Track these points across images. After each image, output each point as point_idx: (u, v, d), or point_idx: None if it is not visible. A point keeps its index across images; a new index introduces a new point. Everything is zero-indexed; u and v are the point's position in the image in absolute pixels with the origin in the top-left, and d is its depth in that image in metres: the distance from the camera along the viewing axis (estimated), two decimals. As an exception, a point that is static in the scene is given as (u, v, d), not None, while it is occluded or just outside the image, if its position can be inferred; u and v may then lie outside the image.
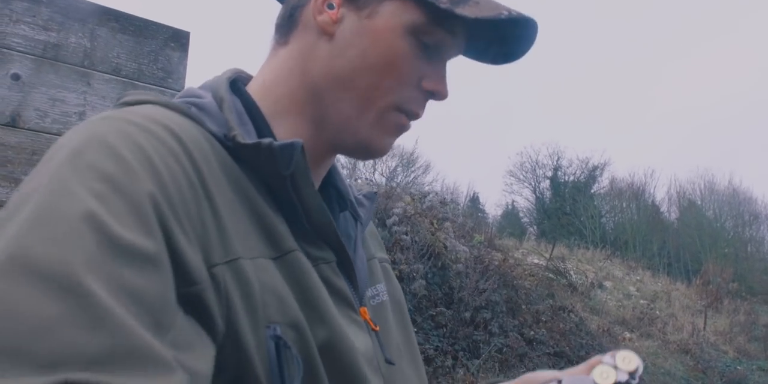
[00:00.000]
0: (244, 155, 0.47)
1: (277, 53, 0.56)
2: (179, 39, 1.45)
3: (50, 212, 0.34)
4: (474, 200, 21.89)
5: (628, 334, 8.24)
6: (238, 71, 0.57)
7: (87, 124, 0.42)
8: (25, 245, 0.32)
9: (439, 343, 5.18)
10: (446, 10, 0.50)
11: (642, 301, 10.23)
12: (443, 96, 0.55)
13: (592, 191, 21.88)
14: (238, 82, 0.55)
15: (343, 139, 0.54)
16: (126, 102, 0.49)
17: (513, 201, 23.41)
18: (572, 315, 7.07)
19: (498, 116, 45.20)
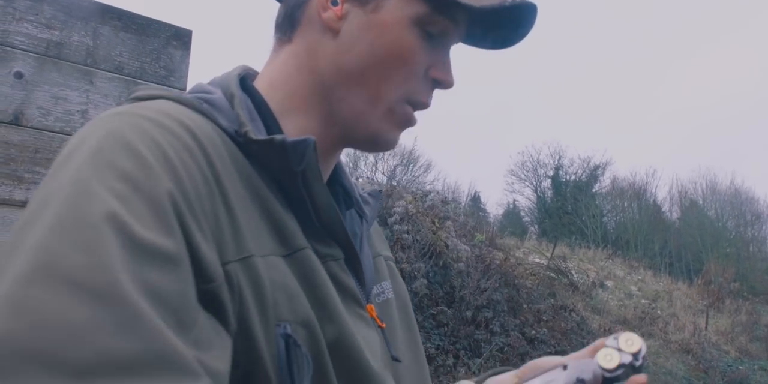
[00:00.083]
0: (254, 151, 0.47)
1: (281, 51, 0.56)
2: (181, 37, 1.45)
3: (73, 216, 0.34)
4: (475, 199, 21.89)
5: (629, 334, 8.21)
6: (246, 68, 0.57)
7: (103, 120, 0.41)
8: (52, 251, 0.32)
9: (440, 342, 5.18)
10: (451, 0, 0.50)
11: (643, 301, 10.22)
12: (450, 84, 0.56)
13: (593, 190, 21.87)
14: (247, 79, 0.55)
15: (354, 133, 0.54)
16: (138, 97, 0.49)
17: (514, 200, 23.42)
18: (573, 314, 7.07)
19: (499, 115, 45.21)
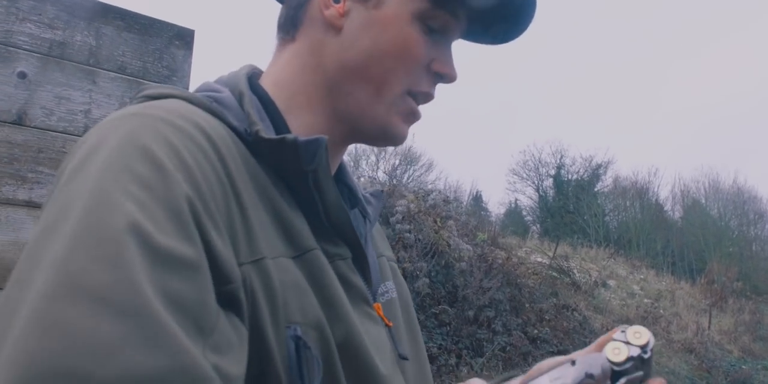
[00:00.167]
0: (264, 150, 0.47)
1: (285, 51, 0.56)
2: (184, 37, 1.45)
3: (94, 228, 0.34)
4: (477, 199, 21.88)
5: (631, 333, 8.20)
6: (253, 67, 0.58)
7: (117, 122, 0.41)
8: (76, 267, 0.32)
9: (442, 342, 5.18)
10: None
11: (646, 300, 10.20)
12: (453, 78, 0.56)
13: (595, 190, 21.84)
14: (253, 78, 0.55)
15: (361, 128, 0.54)
16: (148, 95, 0.48)
17: (516, 199, 23.44)
18: (576, 314, 7.07)
19: (501, 115, 45.15)
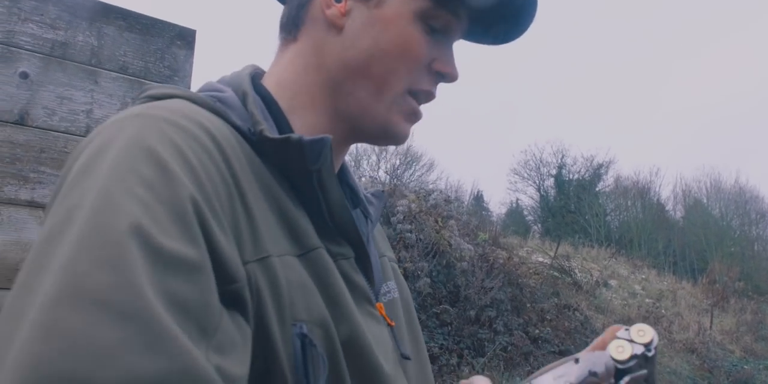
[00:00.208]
0: (269, 150, 0.47)
1: (287, 50, 0.56)
2: (185, 37, 1.45)
3: (97, 232, 0.34)
4: (478, 198, 21.87)
5: (633, 333, 8.20)
6: (256, 67, 0.58)
7: (122, 123, 0.41)
8: (79, 271, 0.32)
9: (444, 342, 5.18)
10: None
11: (647, 300, 10.19)
12: (454, 77, 0.56)
13: (596, 189, 21.82)
14: (256, 78, 0.55)
15: (364, 127, 0.55)
16: (151, 95, 0.48)
17: (517, 199, 23.41)
18: (577, 313, 7.06)
19: (502, 114, 45.12)
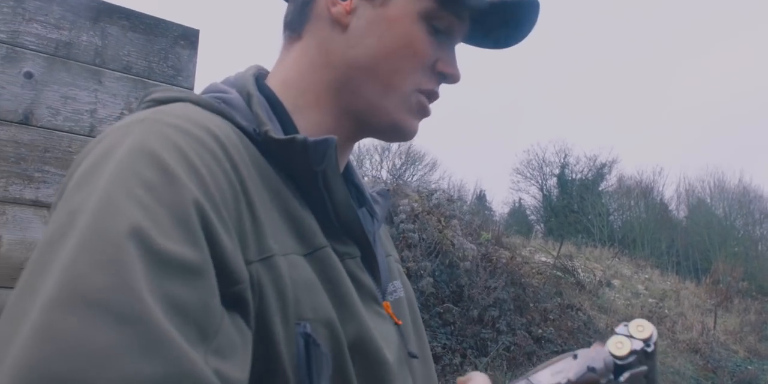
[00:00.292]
0: (274, 150, 0.48)
1: (291, 49, 0.56)
2: (189, 37, 1.45)
3: (97, 234, 0.34)
4: (481, 198, 21.85)
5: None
6: (259, 67, 0.58)
7: (127, 128, 0.41)
8: (77, 273, 0.32)
9: (447, 341, 5.18)
10: None
11: (651, 300, 10.17)
12: (456, 78, 0.57)
13: (599, 189, 21.78)
14: (260, 79, 0.55)
15: (372, 123, 0.55)
16: (155, 99, 0.49)
17: (520, 199, 23.37)
18: (580, 313, 7.05)
19: (505, 114, 45.07)
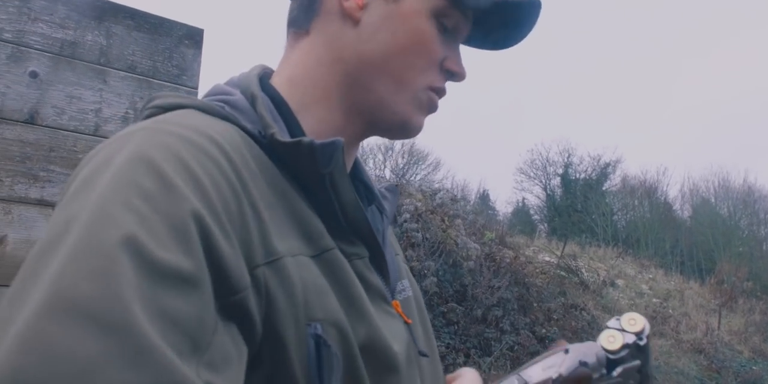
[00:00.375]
0: (280, 153, 0.48)
1: (297, 45, 0.56)
2: (193, 36, 1.46)
3: (90, 243, 0.33)
4: (484, 197, 21.85)
5: (640, 333, 8.16)
6: (264, 67, 0.58)
7: (128, 138, 0.41)
8: (67, 282, 0.31)
9: (450, 341, 5.18)
10: None
11: (655, 300, 10.14)
12: (462, 76, 0.57)
13: (603, 188, 21.72)
14: (264, 79, 0.55)
15: (381, 121, 0.55)
16: (158, 106, 0.49)
17: (523, 198, 23.32)
18: (584, 313, 7.04)
19: (508, 113, 45.01)
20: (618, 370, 0.41)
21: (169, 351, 0.31)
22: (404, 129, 0.56)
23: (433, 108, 0.56)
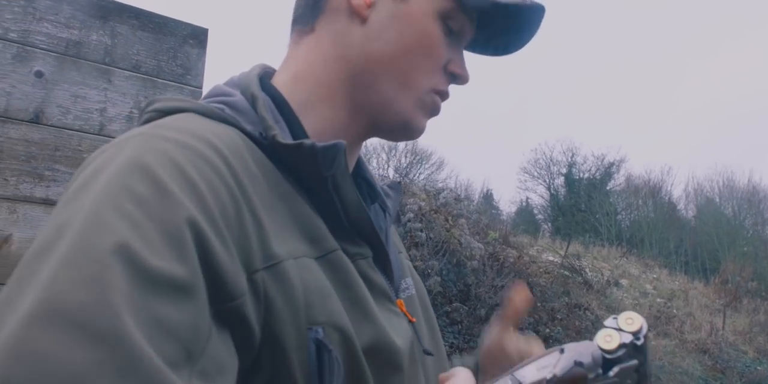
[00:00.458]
0: (281, 155, 0.47)
1: (302, 43, 0.55)
2: (198, 36, 1.46)
3: (82, 250, 0.33)
4: (488, 197, 21.82)
5: (644, 333, 8.15)
6: (265, 67, 0.57)
7: (124, 143, 0.41)
8: (58, 289, 0.31)
9: (454, 340, 5.17)
10: None
11: (659, 300, 10.12)
12: (466, 80, 0.57)
13: (607, 188, 21.67)
14: (265, 78, 0.55)
15: (383, 121, 0.54)
16: (157, 109, 0.48)
17: (527, 198, 23.28)
18: (588, 313, 7.02)
19: (512, 113, 44.94)
20: (614, 369, 0.41)
21: (160, 360, 0.31)
22: (406, 130, 0.55)
23: (435, 111, 0.56)
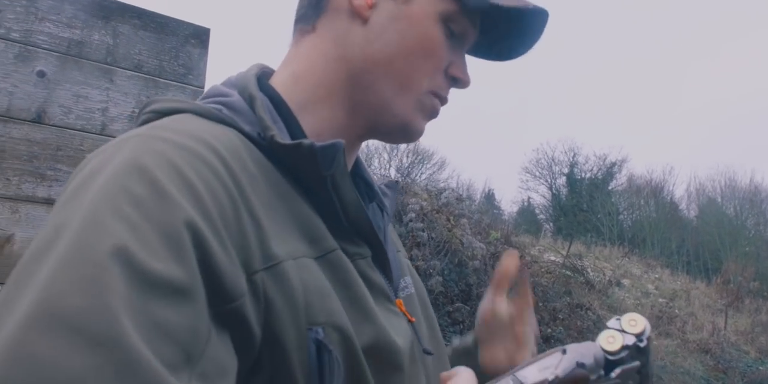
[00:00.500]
0: (280, 155, 0.47)
1: (303, 42, 0.55)
2: (200, 36, 1.46)
3: (80, 252, 0.33)
4: (489, 197, 21.81)
5: (646, 333, 8.14)
6: (262, 66, 0.57)
7: (122, 144, 0.41)
8: (56, 292, 0.31)
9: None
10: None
11: (661, 300, 10.10)
12: (466, 84, 0.57)
13: (609, 188, 21.65)
14: (263, 78, 0.54)
15: (382, 122, 0.54)
16: (156, 110, 0.48)
17: (529, 198, 23.27)
18: (590, 313, 7.02)
19: (514, 113, 44.92)
20: (616, 371, 0.41)
21: (159, 363, 0.31)
22: (405, 132, 0.55)
23: (434, 114, 0.56)
